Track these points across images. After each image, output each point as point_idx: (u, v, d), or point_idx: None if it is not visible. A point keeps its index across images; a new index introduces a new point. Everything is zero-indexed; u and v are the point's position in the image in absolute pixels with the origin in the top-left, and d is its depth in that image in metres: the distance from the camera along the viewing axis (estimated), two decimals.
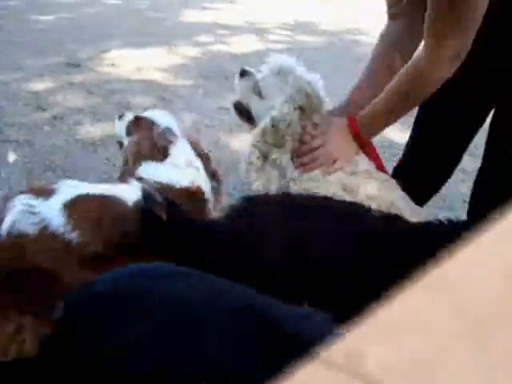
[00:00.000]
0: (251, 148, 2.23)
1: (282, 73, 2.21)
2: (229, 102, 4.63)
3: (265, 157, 2.24)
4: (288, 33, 8.13)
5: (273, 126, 2.15)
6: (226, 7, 9.83)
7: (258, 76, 2.27)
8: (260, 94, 2.24)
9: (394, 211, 2.14)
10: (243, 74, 2.32)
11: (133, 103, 4.40)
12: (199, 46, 6.67)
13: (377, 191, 2.16)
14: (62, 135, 3.70)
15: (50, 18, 7.34)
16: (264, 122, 2.19)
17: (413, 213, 2.25)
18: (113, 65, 5.45)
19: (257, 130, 2.22)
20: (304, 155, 2.17)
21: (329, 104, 2.28)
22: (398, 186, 2.27)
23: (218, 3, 10.09)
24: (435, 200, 3.48)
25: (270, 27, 8.36)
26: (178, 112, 4.31)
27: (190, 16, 8.56)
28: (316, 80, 2.25)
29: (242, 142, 3.91)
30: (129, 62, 5.56)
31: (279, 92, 2.18)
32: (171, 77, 5.29)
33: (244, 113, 2.34)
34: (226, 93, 4.98)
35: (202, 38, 7.15)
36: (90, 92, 4.55)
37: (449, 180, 2.49)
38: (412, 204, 2.28)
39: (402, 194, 2.28)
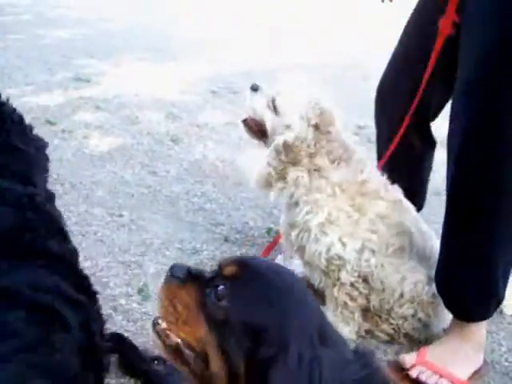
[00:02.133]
0: (265, 165, 2.24)
1: (297, 90, 2.24)
2: (237, 117, 4.69)
3: (280, 175, 2.25)
4: (297, 49, 8.17)
5: (288, 143, 2.17)
6: (234, 23, 9.89)
7: (272, 92, 2.27)
8: (275, 110, 2.23)
9: (403, 230, 2.21)
10: (255, 89, 2.30)
11: (141, 118, 4.43)
12: (207, 62, 6.72)
13: (384, 210, 2.21)
14: (70, 149, 3.73)
15: (61, 33, 7.41)
16: (277, 141, 2.20)
17: (423, 235, 2.29)
18: (121, 80, 5.49)
19: (272, 148, 2.23)
20: None
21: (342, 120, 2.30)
22: (410, 208, 2.32)
23: (225, 17, 10.15)
24: None
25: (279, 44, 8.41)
26: (186, 127, 4.35)
27: (199, 31, 8.62)
28: (329, 97, 2.27)
29: (250, 157, 3.94)
30: (137, 77, 5.61)
31: (294, 109, 2.19)
32: (179, 92, 5.34)
33: (256, 129, 2.34)
34: (234, 108, 5.01)
35: (211, 54, 7.20)
36: (98, 107, 4.59)
37: None
38: (424, 226, 2.33)
39: (415, 215, 2.34)
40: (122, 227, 2.87)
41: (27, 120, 3.79)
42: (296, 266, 2.57)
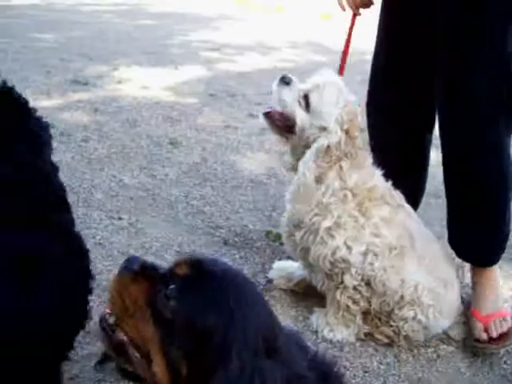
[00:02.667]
0: (308, 171, 2.16)
1: (334, 90, 2.18)
2: (235, 120, 4.70)
3: (316, 181, 2.21)
4: (294, 51, 8.19)
5: (330, 147, 2.13)
6: (232, 26, 9.92)
7: (304, 87, 2.21)
8: (307, 108, 2.18)
9: (405, 234, 2.23)
10: (288, 82, 2.21)
11: (139, 121, 4.44)
12: (206, 65, 6.73)
13: (388, 214, 2.22)
14: (68, 152, 3.73)
15: (59, 36, 7.42)
16: (319, 144, 2.14)
17: (423, 238, 2.32)
18: (120, 83, 5.50)
19: (311, 152, 2.16)
20: None
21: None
22: (411, 212, 2.35)
23: (225, 22, 10.18)
24: None
25: (276, 46, 8.43)
26: (184, 130, 4.35)
27: (198, 35, 8.64)
28: (355, 100, 2.25)
29: (249, 160, 3.94)
30: (136, 81, 5.62)
31: (331, 111, 2.15)
32: (178, 95, 5.34)
33: (281, 124, 2.24)
34: (233, 111, 5.02)
35: (209, 57, 7.21)
36: (96, 110, 4.59)
37: None
38: (424, 228, 2.37)
39: (416, 219, 2.37)
40: (121, 230, 2.87)
41: None
42: (295, 268, 2.57)
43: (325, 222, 2.18)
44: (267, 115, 2.27)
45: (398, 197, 2.30)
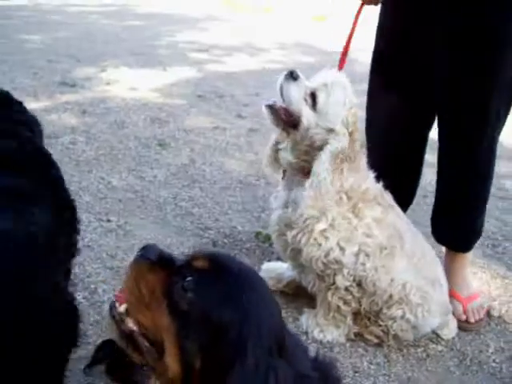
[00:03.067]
0: (327, 173, 2.10)
1: (340, 90, 2.14)
2: (224, 121, 4.69)
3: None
4: (283, 52, 8.21)
5: (341, 150, 2.11)
6: (220, 27, 9.91)
7: (311, 85, 2.15)
8: (313, 106, 2.11)
9: (395, 234, 2.24)
10: (295, 77, 2.13)
11: (128, 123, 4.43)
12: (194, 66, 6.72)
13: (380, 214, 2.22)
14: (56, 154, 3.65)
15: (46, 37, 7.38)
16: (334, 147, 2.10)
17: (412, 238, 2.33)
18: (108, 84, 5.48)
19: (329, 154, 2.10)
20: None
21: None
22: (401, 212, 2.36)
23: (213, 23, 10.17)
24: (503, 204, 3.73)
25: (264, 47, 8.43)
26: (172, 132, 4.34)
27: (185, 35, 8.63)
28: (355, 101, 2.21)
29: (238, 161, 3.94)
30: (124, 82, 5.60)
31: (338, 112, 2.12)
32: (166, 96, 5.33)
33: (285, 119, 2.16)
34: (221, 112, 5.02)
35: (197, 58, 7.21)
36: (84, 111, 4.57)
37: None
38: (413, 228, 2.38)
39: (406, 219, 2.39)
40: (110, 232, 2.86)
41: None
42: (285, 269, 2.57)
43: (319, 224, 2.16)
44: (271, 108, 2.17)
45: (388, 197, 2.31)
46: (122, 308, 1.15)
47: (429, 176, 3.98)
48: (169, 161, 3.83)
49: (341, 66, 2.39)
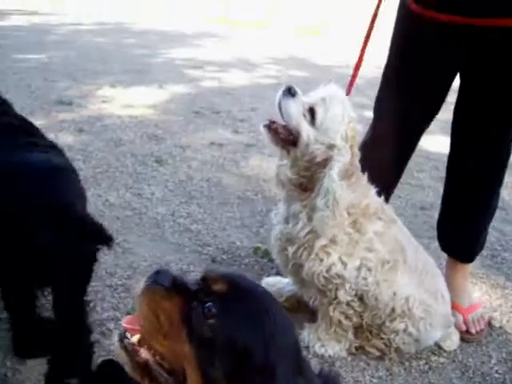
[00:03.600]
0: (340, 190, 2.06)
1: (339, 104, 2.10)
2: (220, 137, 4.69)
3: None
4: (277, 67, 8.23)
5: (343, 167, 2.08)
6: (215, 43, 9.96)
7: (309, 100, 2.12)
8: (313, 122, 2.08)
9: (397, 247, 2.23)
10: (293, 94, 2.10)
11: (124, 140, 4.43)
12: (189, 83, 6.74)
13: (381, 229, 2.21)
14: None
15: (41, 56, 7.40)
16: (343, 163, 2.07)
17: (414, 251, 2.31)
18: (104, 102, 5.49)
19: (339, 170, 2.06)
20: None
21: None
22: (402, 225, 2.35)
23: (207, 39, 10.21)
24: (501, 214, 3.79)
25: (259, 62, 8.47)
26: (169, 148, 4.34)
27: (181, 52, 8.65)
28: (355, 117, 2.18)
29: (235, 176, 3.93)
30: (120, 100, 5.61)
31: (338, 127, 2.08)
32: (162, 113, 5.35)
33: (284, 137, 2.13)
34: (217, 128, 5.02)
35: (192, 75, 7.23)
36: (81, 130, 4.58)
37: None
38: (414, 241, 2.37)
39: (406, 231, 2.37)
40: (108, 250, 2.84)
41: None
42: (285, 284, 2.56)
43: (320, 239, 2.14)
44: (269, 127, 2.14)
45: (390, 211, 2.30)
46: (134, 338, 1.10)
47: (427, 189, 4.02)
48: (166, 177, 3.83)
49: (352, 82, 2.42)
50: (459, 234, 2.61)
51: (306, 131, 2.07)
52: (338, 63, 8.52)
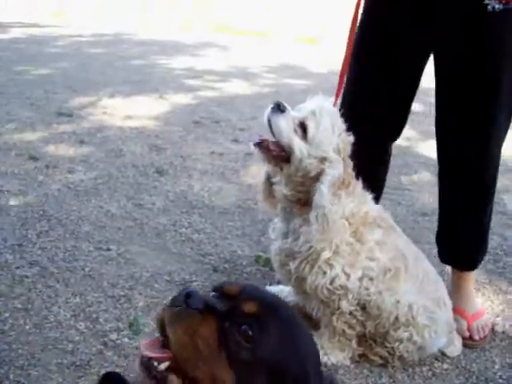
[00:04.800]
0: (329, 204, 2.04)
1: (329, 117, 2.09)
2: (220, 146, 4.70)
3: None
4: (275, 76, 8.24)
5: (333, 180, 2.07)
6: (214, 53, 9.98)
7: (299, 115, 2.10)
8: (304, 136, 2.06)
9: (398, 255, 2.21)
10: (283, 110, 2.08)
11: (125, 151, 4.43)
12: (189, 93, 6.74)
13: (381, 237, 2.19)
14: (55, 184, 3.71)
15: (41, 69, 7.41)
16: (332, 176, 2.05)
17: (415, 257, 2.29)
18: (104, 113, 5.50)
19: (329, 184, 2.05)
20: None
21: None
22: (401, 232, 2.33)
23: (206, 49, 10.23)
24: (502, 218, 3.77)
25: (257, 72, 8.48)
26: (170, 158, 4.35)
27: (180, 62, 8.67)
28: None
29: (236, 186, 3.93)
30: (120, 110, 5.62)
31: (329, 139, 2.07)
32: (162, 123, 5.35)
33: (276, 154, 2.11)
34: (217, 137, 5.03)
35: (192, 85, 7.24)
36: (82, 141, 4.58)
37: None
38: (414, 248, 2.35)
39: (406, 238, 2.35)
40: (110, 261, 2.84)
41: (11, 156, 3.79)
42: (287, 294, 2.55)
43: (325, 252, 2.12)
44: (260, 145, 2.11)
45: (388, 217, 2.29)
46: (163, 366, 1.02)
47: (427, 195, 4.01)
48: (167, 188, 3.83)
49: (338, 93, 2.41)
50: (459, 242, 2.56)
51: (299, 146, 2.05)
52: (337, 72, 8.51)
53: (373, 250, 2.16)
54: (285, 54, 10.35)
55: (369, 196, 2.25)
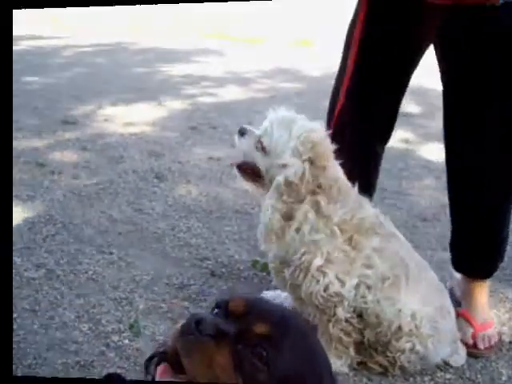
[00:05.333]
0: (270, 210, 2.09)
1: (283, 125, 2.11)
2: (218, 151, 4.70)
3: (287, 217, 2.13)
4: (270, 81, 8.22)
5: (289, 181, 2.05)
6: (211, 59, 9.95)
7: (258, 132, 2.18)
8: (264, 150, 2.13)
9: (399, 263, 2.14)
10: (243, 133, 2.20)
11: (125, 157, 4.44)
12: (186, 99, 6.73)
13: (379, 244, 2.13)
14: (60, 189, 3.72)
15: (46, 78, 7.40)
16: (276, 181, 2.08)
17: (417, 266, 2.23)
18: (106, 121, 5.49)
19: (273, 189, 2.10)
20: None
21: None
22: (403, 239, 2.27)
23: (204, 55, 10.21)
24: None
25: (252, 76, 8.45)
26: (168, 164, 4.35)
27: (178, 69, 8.64)
28: (319, 127, 2.16)
29: (233, 190, 3.94)
30: (121, 118, 5.61)
31: (284, 146, 2.08)
32: (161, 130, 5.35)
33: (250, 172, 2.22)
34: (215, 142, 5.03)
35: (189, 91, 7.23)
36: (84, 148, 4.58)
37: None
38: (417, 255, 2.28)
39: (408, 245, 2.28)
40: (112, 264, 2.85)
41: (19, 163, 3.76)
42: (284, 299, 2.52)
43: (316, 260, 2.08)
44: (239, 168, 2.25)
45: (388, 224, 2.22)
46: None
47: (428, 199, 3.95)
48: (166, 193, 3.83)
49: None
50: (474, 248, 2.40)
51: (261, 161, 2.14)
52: (333, 75, 8.48)
53: (370, 258, 2.10)
54: (281, 58, 10.29)
55: (365, 201, 2.20)
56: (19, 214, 3.30)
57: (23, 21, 10.12)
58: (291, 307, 2.43)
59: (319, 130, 2.14)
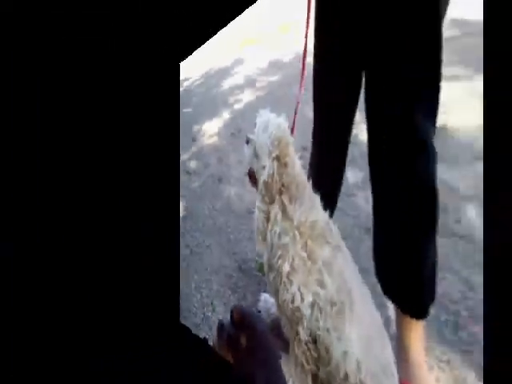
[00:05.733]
0: (257, 212, 1.96)
1: (266, 128, 2.01)
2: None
3: (267, 219, 1.96)
4: (267, 78, 8.04)
5: (265, 182, 1.93)
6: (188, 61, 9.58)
7: (254, 138, 2.07)
8: (257, 156, 2.03)
9: (344, 287, 1.76)
10: (247, 141, 2.11)
11: None
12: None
13: (328, 257, 1.81)
14: None
15: None
16: (260, 183, 1.99)
17: (362, 301, 1.82)
18: None
19: (257, 193, 1.99)
20: None
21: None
22: (348, 254, 1.90)
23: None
24: (465, 248, 2.62)
25: (249, 77, 8.30)
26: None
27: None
28: (282, 121, 2.02)
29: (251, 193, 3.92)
30: None
31: (265, 148, 1.97)
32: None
33: (253, 179, 2.12)
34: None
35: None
36: None
37: None
38: (360, 281, 1.88)
39: (354, 265, 1.91)
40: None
41: None
42: (271, 305, 2.43)
43: (285, 265, 1.82)
44: (249, 175, 2.14)
45: (335, 232, 1.89)
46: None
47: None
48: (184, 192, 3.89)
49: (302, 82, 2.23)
50: (395, 273, 1.98)
51: (255, 166, 2.06)
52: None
53: (322, 272, 1.76)
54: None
55: (317, 200, 1.93)
56: None
57: None
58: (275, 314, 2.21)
59: (281, 125, 2.00)
